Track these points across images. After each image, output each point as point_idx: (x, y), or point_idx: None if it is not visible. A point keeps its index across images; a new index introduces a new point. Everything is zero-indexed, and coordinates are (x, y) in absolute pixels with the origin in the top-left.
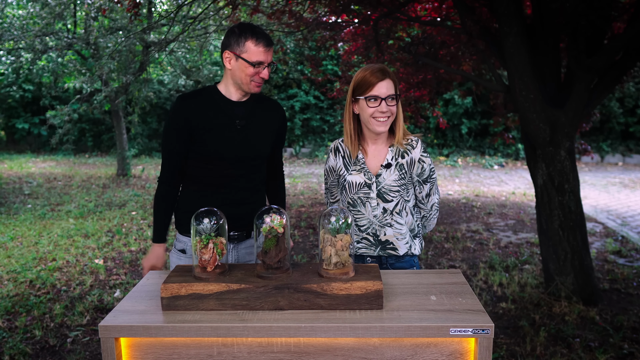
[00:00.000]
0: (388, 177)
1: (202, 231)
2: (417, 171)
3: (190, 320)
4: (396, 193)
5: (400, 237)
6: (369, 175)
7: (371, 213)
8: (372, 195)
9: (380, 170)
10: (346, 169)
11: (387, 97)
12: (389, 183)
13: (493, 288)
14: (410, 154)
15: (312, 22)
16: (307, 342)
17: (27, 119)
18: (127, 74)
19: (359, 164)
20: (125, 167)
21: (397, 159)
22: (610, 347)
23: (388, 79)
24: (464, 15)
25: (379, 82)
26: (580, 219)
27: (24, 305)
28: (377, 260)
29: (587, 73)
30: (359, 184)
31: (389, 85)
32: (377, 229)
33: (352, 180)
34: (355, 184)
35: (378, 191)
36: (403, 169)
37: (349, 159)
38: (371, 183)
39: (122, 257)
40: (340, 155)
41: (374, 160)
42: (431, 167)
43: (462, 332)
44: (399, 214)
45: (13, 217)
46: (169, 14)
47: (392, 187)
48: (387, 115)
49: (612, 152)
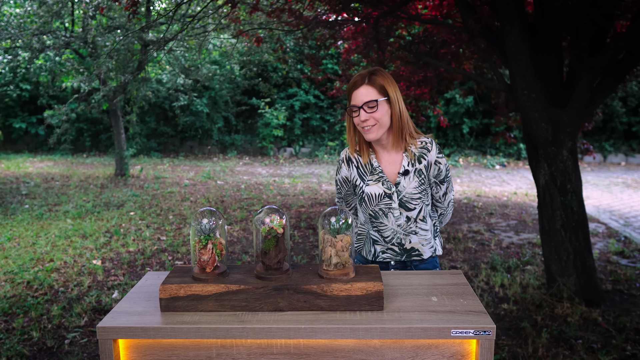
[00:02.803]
0: (408, 185)
1: (201, 231)
2: (434, 173)
3: (189, 321)
4: (418, 200)
5: (425, 243)
6: (388, 185)
7: (395, 223)
8: (394, 206)
9: (398, 178)
10: (362, 179)
11: (364, 105)
12: (409, 191)
13: (494, 289)
14: (427, 158)
15: (311, 21)
16: (307, 343)
17: (25, 118)
18: (126, 73)
19: (376, 173)
20: (124, 167)
21: (415, 165)
22: (613, 348)
23: (365, 85)
24: (465, 13)
25: (355, 91)
26: (582, 219)
27: (21, 307)
28: (402, 264)
29: (590, 72)
30: (379, 195)
31: (366, 91)
32: (402, 237)
33: (371, 192)
34: (375, 195)
35: (399, 200)
36: (422, 174)
37: (364, 168)
38: (391, 193)
39: (121, 258)
40: (353, 165)
41: (390, 168)
42: (447, 167)
43: (464, 334)
44: (423, 220)
45: (10, 217)
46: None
47: (414, 194)
48: (370, 123)
49: (614, 151)
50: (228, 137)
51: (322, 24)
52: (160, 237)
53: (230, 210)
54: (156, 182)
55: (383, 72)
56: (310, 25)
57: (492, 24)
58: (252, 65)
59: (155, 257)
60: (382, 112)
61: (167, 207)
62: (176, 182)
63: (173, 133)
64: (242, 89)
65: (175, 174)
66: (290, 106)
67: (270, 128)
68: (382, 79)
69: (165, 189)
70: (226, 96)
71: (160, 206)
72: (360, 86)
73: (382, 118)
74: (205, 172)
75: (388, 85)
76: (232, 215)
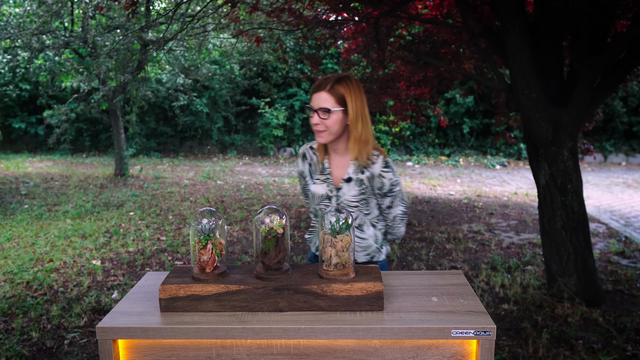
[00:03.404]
0: (348, 192)
1: (201, 232)
2: (378, 185)
3: (189, 321)
4: (354, 208)
5: (359, 250)
6: (331, 187)
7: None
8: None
9: (341, 184)
10: (311, 176)
11: (318, 110)
12: (347, 198)
13: (495, 289)
14: (370, 169)
15: (311, 20)
16: (307, 344)
17: (24, 118)
18: (125, 73)
19: (325, 174)
20: (123, 167)
21: (358, 174)
22: (614, 349)
23: (323, 91)
24: (465, 13)
25: (316, 94)
26: (583, 219)
27: (21, 307)
28: None
29: (590, 72)
30: (321, 196)
31: (323, 97)
32: None
33: (315, 191)
34: (317, 195)
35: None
36: (363, 184)
37: (315, 166)
38: (332, 196)
39: (120, 258)
40: (307, 162)
41: (337, 172)
42: (392, 182)
43: (464, 334)
44: (359, 228)
45: (9, 217)
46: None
47: (351, 202)
48: (320, 128)
49: (615, 151)
50: (228, 137)
51: (322, 23)
52: (160, 237)
53: (230, 210)
54: (156, 182)
55: (350, 81)
56: (310, 25)
57: (492, 24)
58: (252, 65)
59: (154, 257)
60: (334, 121)
61: (166, 207)
62: (176, 182)
63: (173, 133)
64: (242, 89)
65: (175, 174)
66: (290, 106)
67: (270, 128)
68: (345, 89)
69: (165, 189)
70: (226, 96)
71: (160, 206)
72: (321, 91)
73: (332, 126)
74: (205, 172)
75: (349, 97)
76: (232, 215)
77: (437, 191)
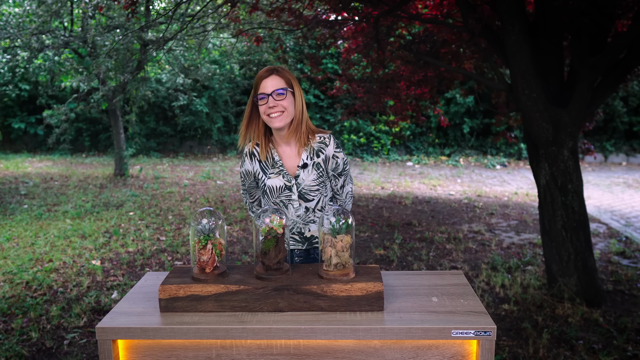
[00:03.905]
0: (307, 178)
1: (201, 232)
2: (332, 166)
3: (189, 322)
4: (316, 192)
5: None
6: (288, 178)
7: (294, 214)
8: (294, 197)
9: (298, 171)
10: (264, 172)
11: (273, 92)
12: (308, 183)
13: (495, 289)
14: (325, 152)
15: (311, 20)
16: (307, 344)
17: (24, 118)
18: (125, 73)
19: (277, 167)
20: (123, 167)
21: (314, 158)
22: (614, 349)
23: (274, 75)
24: (465, 13)
25: (264, 80)
26: (583, 219)
27: (20, 307)
28: (306, 252)
29: (591, 72)
30: (280, 188)
31: (275, 81)
32: (301, 227)
33: (272, 185)
34: (275, 188)
35: (299, 192)
36: (320, 167)
37: (266, 162)
38: (291, 185)
39: (120, 258)
40: (256, 159)
41: (290, 162)
42: (345, 161)
43: (464, 334)
44: (321, 210)
45: (9, 217)
46: (167, 11)
47: (312, 186)
48: (278, 110)
49: (615, 151)
50: (228, 137)
51: (322, 23)
52: (160, 238)
53: (229, 210)
54: (155, 182)
55: (287, 69)
56: (310, 25)
57: (492, 24)
58: (252, 64)
59: (154, 257)
60: (289, 102)
61: (166, 207)
62: (175, 182)
63: (172, 133)
64: (241, 89)
65: (175, 174)
66: None
67: None
68: (287, 74)
69: (164, 189)
70: (226, 96)
71: (160, 206)
72: (269, 76)
73: (289, 107)
74: (204, 172)
75: (293, 80)
76: (231, 215)
77: (437, 191)
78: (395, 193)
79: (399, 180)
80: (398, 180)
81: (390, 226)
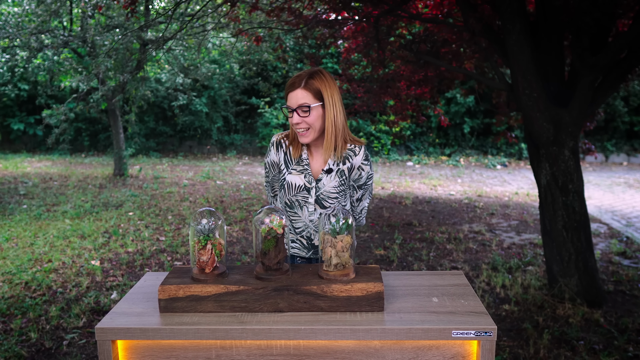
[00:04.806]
0: (328, 183)
1: (201, 232)
2: (355, 177)
3: (188, 322)
4: (334, 200)
5: None
6: (309, 179)
7: (308, 217)
8: (310, 201)
9: (321, 175)
10: (286, 166)
11: (297, 108)
12: (328, 189)
13: (496, 290)
14: (352, 161)
15: (311, 20)
16: (307, 344)
17: (23, 118)
18: (124, 73)
19: (302, 164)
20: (122, 167)
21: (339, 165)
22: (615, 349)
23: (299, 89)
24: (466, 12)
25: (291, 93)
26: (584, 219)
27: (19, 307)
28: (307, 261)
29: (592, 71)
30: (299, 186)
31: (300, 95)
32: (312, 233)
33: (291, 181)
34: (294, 185)
35: (317, 197)
36: (344, 175)
37: (291, 156)
38: (311, 187)
39: (119, 259)
40: (282, 150)
41: (316, 164)
42: (369, 175)
43: (465, 335)
44: None
45: (8, 217)
46: (166, 11)
47: (331, 193)
48: (303, 127)
49: (616, 151)
50: (227, 137)
51: (322, 23)
52: (159, 238)
53: (229, 210)
54: (155, 182)
55: (323, 74)
56: (310, 24)
57: (493, 23)
58: (252, 64)
59: (154, 257)
60: (315, 117)
61: (166, 207)
62: (175, 182)
63: (172, 133)
64: (241, 89)
65: (174, 174)
66: None
67: (270, 128)
68: (319, 83)
69: (164, 189)
70: (225, 95)
71: (159, 206)
72: (296, 88)
73: (314, 123)
74: (204, 172)
75: (325, 90)
76: (231, 215)
77: (437, 191)
78: (395, 193)
79: (399, 180)
80: (398, 180)
81: (390, 226)
